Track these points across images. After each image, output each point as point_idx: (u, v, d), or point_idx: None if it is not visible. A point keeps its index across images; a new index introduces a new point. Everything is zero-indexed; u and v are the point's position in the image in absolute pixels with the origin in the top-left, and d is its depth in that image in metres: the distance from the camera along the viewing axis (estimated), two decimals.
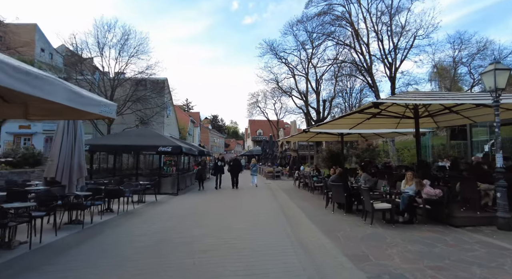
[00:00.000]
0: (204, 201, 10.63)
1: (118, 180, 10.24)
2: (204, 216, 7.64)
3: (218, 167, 14.71)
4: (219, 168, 14.66)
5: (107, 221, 7.02)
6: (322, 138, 18.16)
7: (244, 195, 12.28)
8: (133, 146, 12.30)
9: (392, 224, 6.37)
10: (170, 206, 9.45)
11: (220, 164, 14.78)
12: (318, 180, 12.51)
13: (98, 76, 22.11)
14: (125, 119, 22.37)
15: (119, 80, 21.42)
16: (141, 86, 23.62)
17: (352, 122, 11.05)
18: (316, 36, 26.57)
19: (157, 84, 25.15)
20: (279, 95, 39.51)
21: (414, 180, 7.23)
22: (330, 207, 8.63)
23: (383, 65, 24.09)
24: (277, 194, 12.67)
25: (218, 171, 14.63)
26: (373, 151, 18.68)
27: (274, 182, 19.03)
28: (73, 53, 21.18)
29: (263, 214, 7.95)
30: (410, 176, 7.25)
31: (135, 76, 22.03)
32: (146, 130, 14.65)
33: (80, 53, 20.66)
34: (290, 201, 10.40)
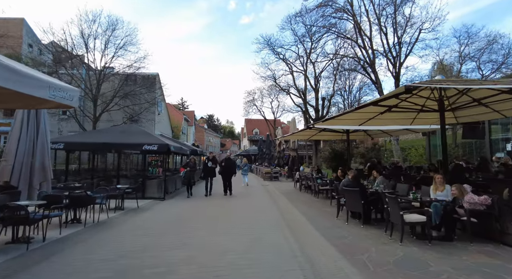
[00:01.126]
0: (191, 211, 8.83)
1: (92, 184, 8.78)
2: (189, 231, 6.18)
3: (208, 168, 11.92)
4: (209, 170, 11.91)
5: (67, 236, 5.57)
6: (324, 137, 16.83)
7: (239, 203, 10.34)
8: (114, 144, 10.82)
9: (426, 241, 5.04)
10: (151, 214, 7.99)
11: (210, 165, 11.84)
12: (323, 183, 11.17)
13: (84, 71, 20.54)
14: (112, 116, 20.86)
15: (106, 75, 19.89)
16: (130, 82, 22.15)
17: (363, 117, 9.74)
18: (316, 30, 25.23)
19: (147, 79, 23.67)
20: (277, 93, 38.24)
21: (445, 184, 5.93)
22: (342, 216, 7.29)
23: (386, 60, 22.90)
24: (276, 199, 11.29)
25: (208, 174, 11.93)
26: (379, 150, 17.40)
27: (272, 183, 17.67)
28: (63, 50, 19.62)
29: (262, 228, 6.52)
30: (440, 180, 5.94)
31: (123, 70, 20.50)
32: (131, 127, 13.19)
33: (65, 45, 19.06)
34: (293, 208, 9.03)
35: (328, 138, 19.39)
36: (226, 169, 12.08)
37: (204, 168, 12.34)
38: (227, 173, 12.10)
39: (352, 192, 6.50)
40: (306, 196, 11.90)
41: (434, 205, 5.45)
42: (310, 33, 27.19)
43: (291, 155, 19.72)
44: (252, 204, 10.20)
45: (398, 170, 12.94)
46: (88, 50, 19.13)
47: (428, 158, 15.84)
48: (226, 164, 12.18)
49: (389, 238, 5.39)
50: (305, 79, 31.99)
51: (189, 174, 11.75)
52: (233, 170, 12.37)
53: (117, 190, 8.25)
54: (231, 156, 23.86)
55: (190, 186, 11.76)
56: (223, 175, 12.12)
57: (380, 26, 21.98)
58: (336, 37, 25.87)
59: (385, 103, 7.69)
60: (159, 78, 25.74)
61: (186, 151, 14.71)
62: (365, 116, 9.57)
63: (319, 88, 32.25)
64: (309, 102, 32.68)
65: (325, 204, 9.63)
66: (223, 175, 12.12)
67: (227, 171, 12.07)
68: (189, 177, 11.67)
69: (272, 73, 34.17)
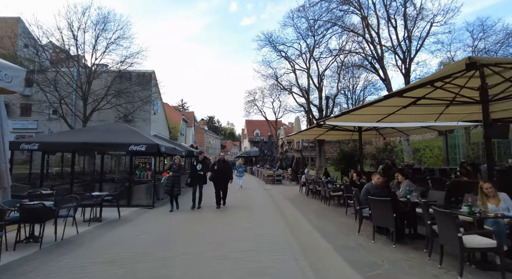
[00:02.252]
0: (176, 229, 6.61)
1: (70, 190, 7.44)
2: (171, 257, 4.72)
3: (196, 173, 9.12)
4: (198, 175, 9.12)
5: (6, 266, 4.20)
6: (331, 136, 15.44)
7: (236, 217, 7.90)
8: (96, 144, 9.47)
9: (492, 272, 3.67)
10: (131, 229, 6.53)
11: (200, 168, 9.08)
12: (335, 188, 9.80)
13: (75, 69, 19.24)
14: (105, 115, 19.56)
15: (96, 71, 18.60)
16: (125, 79, 20.87)
17: (381, 112, 8.40)
18: (321, 23, 23.90)
19: (143, 77, 22.39)
20: (278, 93, 36.94)
21: (499, 194, 4.54)
22: (365, 229, 5.93)
23: (394, 56, 21.58)
24: (282, 206, 9.90)
25: (196, 180, 9.13)
26: (391, 151, 16.01)
27: (274, 187, 16.28)
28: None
29: (266, 252, 5.12)
30: (490, 190, 4.50)
31: (116, 66, 19.22)
32: (117, 125, 11.84)
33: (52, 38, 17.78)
34: (302, 219, 7.62)
35: (336, 138, 18.03)
36: (219, 174, 9.24)
37: (191, 172, 9.43)
38: (221, 179, 9.30)
39: (381, 202, 5.12)
40: (314, 202, 10.51)
41: (494, 222, 4.09)
42: (314, 29, 25.95)
43: (295, 156, 18.35)
44: (252, 217, 8.05)
45: (417, 173, 11.57)
46: (77, 44, 17.84)
47: (445, 159, 14.46)
48: (219, 167, 9.28)
49: (438, 266, 4.00)
50: (308, 78, 30.69)
51: (172, 180, 8.76)
52: (229, 174, 9.57)
53: (93, 198, 6.89)
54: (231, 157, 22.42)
55: (174, 197, 8.90)
56: (216, 181, 9.24)
57: (389, 19, 20.67)
58: (341, 32, 24.62)
59: (412, 94, 6.36)
60: (155, 76, 24.46)
61: (181, 152, 13.35)
62: (384, 111, 8.23)
63: (322, 87, 30.97)
64: (312, 102, 31.41)
65: (339, 213, 8.25)
66: (216, 181, 9.24)
67: (220, 176, 9.26)
68: (172, 185, 8.71)
69: (273, 71, 32.92)
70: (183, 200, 10.02)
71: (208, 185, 9.57)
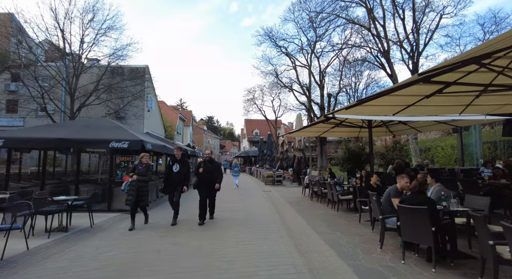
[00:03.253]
0: (144, 254, 4.59)
1: (26, 194, 6.23)
2: None
3: (172, 176, 6.82)
4: (174, 178, 6.79)
5: None
6: (336, 134, 14.24)
7: (227, 235, 5.77)
8: (71, 140, 8.26)
9: None
10: (97, 245, 5.23)
11: (176, 169, 6.78)
12: (344, 191, 8.61)
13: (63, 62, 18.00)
14: (93, 111, 18.35)
15: (84, 64, 17.39)
16: (116, 74, 19.66)
17: (400, 103, 7.22)
18: (324, 16, 22.73)
19: (137, 72, 21.18)
20: (278, 91, 35.79)
21: None
22: (389, 245, 4.75)
23: (400, 50, 20.44)
24: (284, 213, 8.68)
25: (173, 184, 6.79)
26: (401, 150, 14.82)
27: (275, 189, 15.08)
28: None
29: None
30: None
31: (105, 59, 18.01)
32: (100, 120, 10.63)
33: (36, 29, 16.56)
34: (309, 229, 6.41)
35: (341, 135, 16.84)
36: (205, 178, 6.86)
37: (166, 175, 7.03)
38: (208, 184, 6.89)
39: (416, 212, 3.92)
40: (320, 207, 9.30)
41: None
42: (315, 23, 24.82)
43: (297, 156, 17.15)
44: (248, 231, 6.06)
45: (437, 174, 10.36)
46: (64, 35, 16.61)
47: (460, 159, 13.27)
48: (207, 167, 6.92)
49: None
50: (309, 75, 29.59)
51: (137, 186, 6.24)
52: (216, 176, 7.00)
53: (56, 203, 5.68)
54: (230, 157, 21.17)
55: (143, 209, 6.58)
56: (201, 187, 6.93)
57: (396, 10, 19.51)
58: (344, 25, 23.49)
59: (441, 79, 5.18)
60: (149, 71, 23.26)
61: (172, 151, 12.17)
62: (403, 101, 7.04)
63: (324, 84, 29.85)
64: (313, 100, 30.26)
65: (351, 221, 7.05)
66: (201, 187, 6.93)
67: (207, 181, 6.87)
68: (135, 193, 6.18)
69: (273, 68, 31.95)
70: (157, 213, 8.00)
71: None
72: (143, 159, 6.56)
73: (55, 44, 16.73)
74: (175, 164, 6.86)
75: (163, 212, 8.24)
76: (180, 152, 7.03)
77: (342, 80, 30.83)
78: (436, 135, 27.38)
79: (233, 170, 16.59)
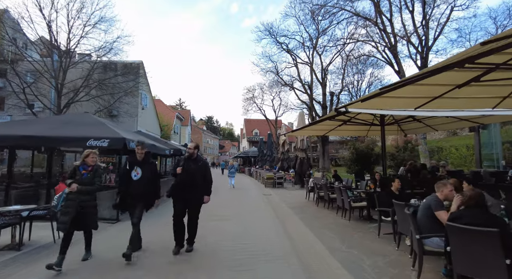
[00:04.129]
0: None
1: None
2: None
3: (131, 184, 4.59)
4: (134, 188, 4.55)
5: None
6: (344, 132, 13.16)
7: None
8: (42, 138, 7.15)
9: None
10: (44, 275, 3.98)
11: (137, 175, 4.61)
12: (356, 197, 7.50)
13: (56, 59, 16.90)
14: (82, 108, 17.16)
15: (72, 58, 16.29)
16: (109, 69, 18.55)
17: (426, 94, 6.16)
18: (327, 9, 21.67)
19: (130, 68, 20.07)
20: (278, 90, 34.67)
21: None
22: (429, 274, 3.63)
23: (407, 45, 19.36)
24: (287, 221, 7.56)
25: (133, 198, 4.56)
26: (412, 150, 13.71)
27: (275, 191, 13.96)
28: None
29: None
30: None
31: (95, 53, 16.91)
32: (83, 116, 9.53)
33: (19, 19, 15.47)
34: (320, 247, 5.29)
35: (349, 134, 15.72)
36: (186, 182, 4.67)
37: (121, 184, 4.78)
38: (188, 192, 4.67)
39: (477, 236, 2.80)
40: (329, 215, 8.17)
41: None
42: (318, 18, 23.77)
43: (300, 156, 16.03)
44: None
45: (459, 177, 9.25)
46: (49, 26, 15.49)
47: (478, 160, 12.16)
48: (188, 169, 4.71)
49: None
50: (311, 72, 28.53)
51: (78, 201, 4.08)
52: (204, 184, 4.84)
53: (3, 216, 4.55)
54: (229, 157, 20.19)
55: (86, 236, 4.46)
56: (177, 196, 4.77)
57: (405, 1, 18.40)
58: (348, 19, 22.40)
59: (486, 61, 4.07)
60: (143, 67, 22.15)
61: (164, 151, 11.05)
62: (429, 92, 5.97)
63: (326, 82, 28.79)
64: (315, 98, 29.20)
65: (367, 233, 5.93)
66: (177, 196, 4.77)
67: (188, 187, 4.66)
68: (74, 211, 4.02)
69: (274, 65, 30.77)
70: (110, 238, 5.53)
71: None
72: (88, 158, 4.27)
73: (39, 35, 15.64)
74: (134, 168, 4.62)
75: (119, 237, 5.33)
76: (142, 149, 4.72)
77: (345, 78, 29.73)
78: (441, 135, 26.25)
79: (229, 171, 16.62)
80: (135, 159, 4.72)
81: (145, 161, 4.77)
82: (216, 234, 5.93)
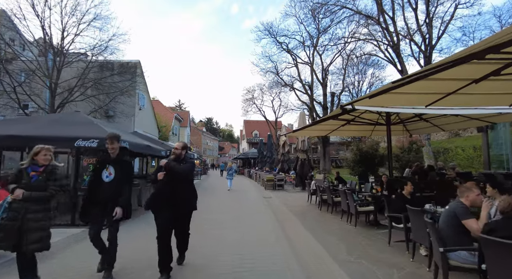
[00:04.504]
0: None
1: None
2: None
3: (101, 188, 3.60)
4: (104, 193, 3.56)
5: None
6: (347, 132, 12.70)
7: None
8: (27, 138, 6.68)
9: None
10: None
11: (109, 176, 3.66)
12: (363, 202, 7.03)
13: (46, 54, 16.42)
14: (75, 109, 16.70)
15: (65, 57, 15.82)
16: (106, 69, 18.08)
17: (439, 90, 5.70)
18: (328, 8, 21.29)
19: (127, 67, 19.58)
20: (278, 90, 34.24)
21: None
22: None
23: (410, 44, 18.97)
24: (289, 228, 7.08)
25: (101, 206, 3.55)
26: (418, 151, 13.25)
27: (275, 194, 13.47)
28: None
29: None
30: None
31: (90, 51, 16.44)
32: (72, 115, 9.10)
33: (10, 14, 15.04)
34: (327, 258, 4.81)
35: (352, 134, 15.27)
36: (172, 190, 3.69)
37: (89, 187, 3.83)
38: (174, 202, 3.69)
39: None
40: (333, 220, 7.68)
41: None
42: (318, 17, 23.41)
43: (300, 157, 15.56)
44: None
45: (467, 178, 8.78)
46: (43, 25, 15.03)
47: (487, 161, 11.69)
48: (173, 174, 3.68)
49: None
50: (311, 72, 28.19)
51: (23, 212, 3.14)
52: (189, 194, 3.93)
53: None
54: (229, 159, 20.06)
55: (29, 259, 3.23)
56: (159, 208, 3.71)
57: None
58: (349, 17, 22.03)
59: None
60: (140, 67, 21.68)
61: (160, 152, 10.58)
62: (443, 88, 5.51)
63: (327, 82, 28.41)
64: (315, 99, 28.81)
65: (376, 241, 5.44)
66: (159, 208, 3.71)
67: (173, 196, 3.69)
68: (18, 225, 3.10)
69: (274, 65, 30.40)
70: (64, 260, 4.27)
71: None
72: (39, 156, 3.33)
73: (32, 33, 15.17)
74: (106, 167, 3.65)
75: (80, 258, 4.44)
76: (115, 144, 3.69)
77: (345, 79, 29.35)
78: (443, 136, 25.76)
79: (228, 173, 16.63)
80: (107, 157, 3.73)
81: (120, 158, 3.75)
82: (212, 243, 5.44)
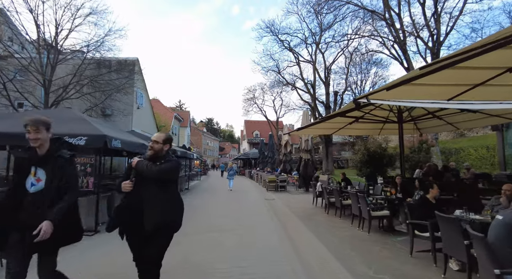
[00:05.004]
0: None
1: None
2: None
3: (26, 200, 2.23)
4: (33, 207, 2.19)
5: None
6: (354, 131, 12.04)
7: None
8: (8, 135, 6.08)
9: None
10: None
11: (37, 185, 2.25)
12: (376, 206, 6.40)
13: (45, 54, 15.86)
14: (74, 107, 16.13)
15: (59, 54, 15.25)
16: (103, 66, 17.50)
17: (463, 82, 5.15)
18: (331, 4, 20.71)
19: (125, 65, 19.02)
20: (279, 90, 33.62)
21: None
22: None
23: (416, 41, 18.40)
24: (296, 236, 6.46)
25: (23, 226, 2.16)
26: (428, 151, 12.61)
27: (278, 196, 12.84)
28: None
29: None
30: None
31: (85, 47, 15.87)
32: (63, 111, 8.54)
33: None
34: (338, 267, 4.17)
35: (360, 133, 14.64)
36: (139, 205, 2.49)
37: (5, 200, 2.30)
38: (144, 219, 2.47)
39: None
40: (342, 225, 7.04)
41: None
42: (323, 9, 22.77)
43: (304, 157, 14.92)
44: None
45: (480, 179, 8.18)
46: (36, 19, 14.45)
47: (502, 162, 11.07)
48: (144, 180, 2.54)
49: None
50: (314, 71, 27.52)
51: None
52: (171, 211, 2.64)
53: None
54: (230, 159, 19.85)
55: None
56: (132, 230, 2.54)
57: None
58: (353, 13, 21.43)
59: None
60: (139, 64, 21.13)
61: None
62: (470, 78, 4.97)
63: (329, 81, 27.78)
64: (318, 98, 28.18)
65: (396, 251, 4.80)
66: (132, 230, 2.54)
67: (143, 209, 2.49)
68: None
69: (275, 63, 29.82)
70: None
71: None
72: None
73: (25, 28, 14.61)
74: (32, 170, 2.30)
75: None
76: (42, 132, 2.35)
77: (348, 78, 28.74)
78: (447, 137, 25.09)
79: (228, 173, 16.42)
80: (32, 154, 2.36)
81: (51, 155, 2.35)
82: (210, 251, 4.82)
